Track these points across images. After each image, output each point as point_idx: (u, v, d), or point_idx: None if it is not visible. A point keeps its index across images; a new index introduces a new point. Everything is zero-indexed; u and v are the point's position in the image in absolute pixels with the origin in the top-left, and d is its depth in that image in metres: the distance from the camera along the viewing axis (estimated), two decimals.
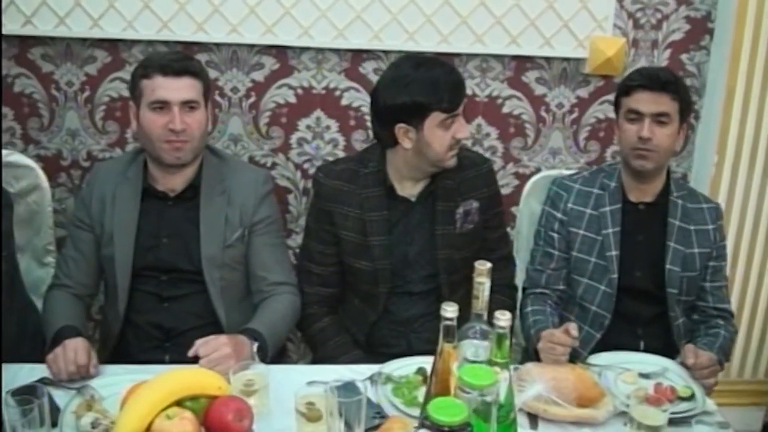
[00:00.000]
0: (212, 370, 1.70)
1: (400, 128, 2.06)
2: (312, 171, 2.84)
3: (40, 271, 2.38)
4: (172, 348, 2.10)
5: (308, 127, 2.82)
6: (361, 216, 2.15)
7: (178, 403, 1.33)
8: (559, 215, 2.29)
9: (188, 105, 2.06)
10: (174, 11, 2.61)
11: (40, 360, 1.88)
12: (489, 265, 1.47)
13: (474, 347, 1.50)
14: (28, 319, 2.18)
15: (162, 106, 2.04)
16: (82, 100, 2.75)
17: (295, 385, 1.70)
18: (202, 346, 1.79)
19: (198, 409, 1.33)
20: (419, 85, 2.03)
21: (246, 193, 2.18)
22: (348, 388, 1.58)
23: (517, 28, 2.77)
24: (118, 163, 2.23)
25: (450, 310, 1.38)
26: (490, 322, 1.46)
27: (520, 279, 2.44)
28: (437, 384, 1.45)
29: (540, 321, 2.15)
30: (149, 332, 2.12)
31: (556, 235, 2.29)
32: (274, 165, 2.83)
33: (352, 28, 2.68)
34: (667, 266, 2.20)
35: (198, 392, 1.36)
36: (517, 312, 2.31)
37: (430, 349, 1.99)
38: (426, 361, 1.89)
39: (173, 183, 2.15)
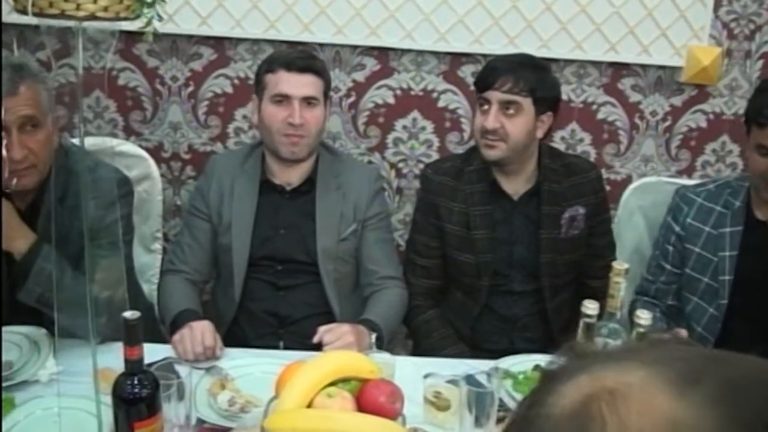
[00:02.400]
0: None
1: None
2: (406, 171, 2.89)
3: (147, 257, 2.45)
4: (286, 335, 2.16)
5: (404, 127, 2.86)
6: (466, 210, 2.20)
7: (333, 383, 1.37)
8: (677, 228, 2.24)
9: (308, 101, 2.13)
10: (281, 11, 2.68)
11: (152, 340, 1.94)
12: (626, 265, 1.50)
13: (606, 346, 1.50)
14: (139, 301, 2.25)
15: (283, 99, 2.12)
16: (185, 95, 2.83)
17: (410, 376, 1.73)
18: (326, 333, 1.83)
19: (351, 391, 1.37)
20: None
21: (360, 189, 2.24)
22: (470, 382, 1.60)
23: (616, 36, 2.78)
24: (236, 155, 2.30)
25: (591, 308, 1.39)
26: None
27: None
28: None
29: None
30: (264, 319, 2.18)
31: (671, 248, 2.26)
32: (369, 164, 2.87)
33: (453, 31, 2.72)
34: None
35: (352, 374, 1.40)
36: None
37: (533, 348, 2.03)
38: (540, 359, 1.91)
39: (290, 177, 2.22)
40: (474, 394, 1.52)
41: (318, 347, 1.89)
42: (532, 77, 2.08)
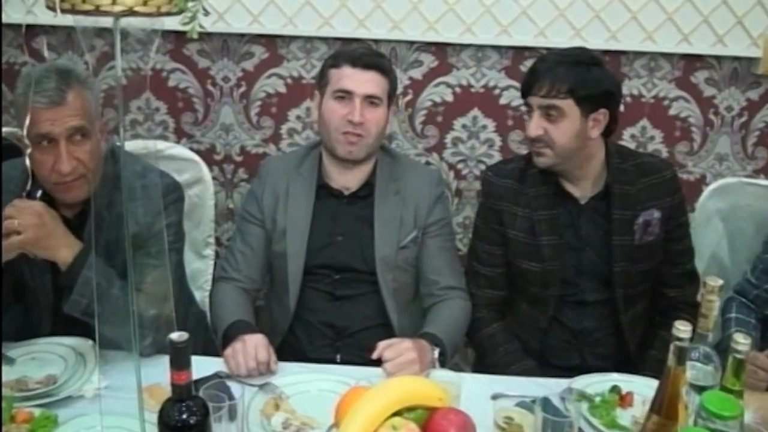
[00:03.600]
0: (396, 375, 1.63)
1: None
2: (465, 172, 2.76)
3: (199, 263, 2.38)
4: (343, 348, 2.05)
5: (464, 126, 2.73)
6: (530, 215, 2.05)
7: (397, 413, 1.24)
8: None
9: (370, 100, 2.01)
10: (335, 7, 2.57)
11: (203, 352, 1.85)
12: (721, 282, 1.34)
13: (696, 370, 1.37)
14: (190, 310, 2.17)
15: (344, 96, 2.01)
16: (237, 96, 2.75)
17: (476, 396, 1.60)
18: (386, 349, 1.72)
19: (417, 420, 1.24)
20: None
21: (420, 193, 2.11)
22: (544, 406, 1.46)
23: (689, 25, 2.61)
24: (291, 158, 2.20)
25: (684, 330, 1.24)
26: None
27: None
28: (663, 407, 1.32)
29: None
30: (320, 330, 2.07)
31: None
32: (429, 166, 2.75)
33: (516, 24, 2.58)
34: None
35: (419, 402, 1.27)
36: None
37: (606, 366, 1.88)
38: (617, 379, 1.77)
39: (348, 181, 2.11)
40: (550, 423, 1.38)
41: (377, 362, 1.77)
42: (570, 76, 1.91)
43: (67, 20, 2.92)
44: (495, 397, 1.66)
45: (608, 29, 2.60)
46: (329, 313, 2.07)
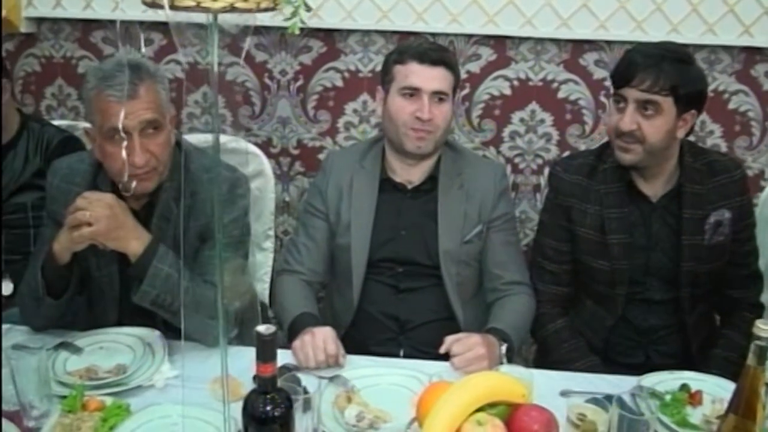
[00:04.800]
0: (465, 370, 1.63)
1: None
2: (523, 166, 2.74)
3: (259, 256, 2.39)
4: (406, 341, 2.05)
5: (522, 120, 2.71)
6: (600, 212, 2.01)
7: (479, 408, 1.24)
8: None
9: (438, 95, 2.00)
10: (394, 1, 2.57)
11: None
12: None
13: None
14: (252, 303, 2.18)
15: (413, 93, 2.00)
16: (294, 89, 2.76)
17: (544, 393, 1.59)
18: (455, 343, 1.71)
19: (499, 416, 1.23)
20: None
21: (485, 187, 2.10)
22: (619, 404, 1.45)
23: (750, 17, 2.55)
24: (354, 151, 2.20)
25: (765, 330, 1.21)
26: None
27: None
28: (741, 407, 1.30)
29: None
30: (384, 323, 2.07)
31: None
32: (488, 159, 2.73)
33: (576, 17, 2.55)
34: None
35: (502, 398, 1.26)
36: None
37: (670, 364, 1.85)
38: (686, 377, 1.74)
39: (411, 175, 2.10)
40: (626, 421, 1.36)
41: (441, 357, 1.77)
42: (674, 73, 1.84)
43: (125, 15, 2.99)
44: (564, 393, 1.64)
45: (670, 22, 2.56)
46: (393, 306, 2.06)
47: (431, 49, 2.04)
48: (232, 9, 1.05)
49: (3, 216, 2.52)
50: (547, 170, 2.72)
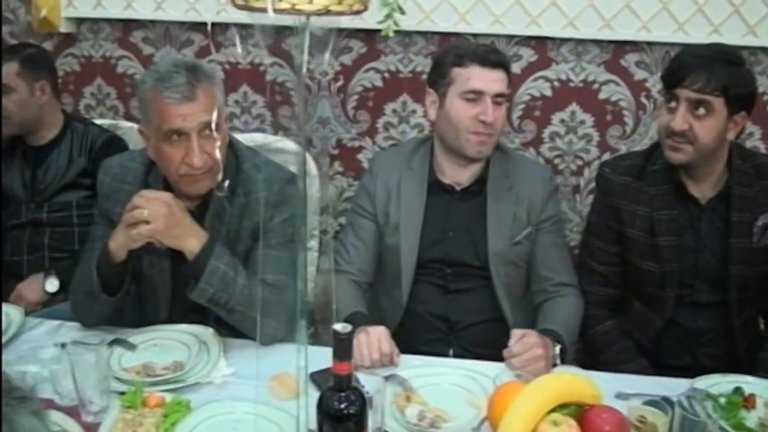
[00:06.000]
0: (522, 370, 1.64)
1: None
2: (562, 167, 2.74)
3: (301, 255, 2.39)
4: (455, 341, 2.06)
5: (562, 121, 2.71)
6: (650, 214, 2.01)
7: (552, 409, 1.25)
8: None
9: (498, 98, 2.02)
10: (437, 2, 2.58)
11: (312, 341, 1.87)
12: None
13: None
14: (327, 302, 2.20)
15: (475, 96, 2.00)
16: (334, 90, 2.77)
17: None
18: (514, 345, 1.72)
19: (570, 417, 1.24)
20: None
21: (533, 189, 2.11)
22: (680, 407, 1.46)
23: None
24: (401, 152, 2.21)
25: None
26: None
27: None
28: None
29: None
30: (433, 324, 2.08)
31: None
32: (539, 162, 2.73)
33: (618, 18, 2.55)
34: None
35: (574, 399, 1.28)
36: None
37: (717, 366, 1.85)
38: (739, 380, 1.74)
39: (461, 176, 2.11)
40: (689, 423, 1.37)
41: (492, 357, 1.79)
42: (726, 74, 1.85)
43: (166, 15, 3.01)
44: (620, 395, 1.64)
45: (711, 23, 2.55)
46: (442, 307, 2.08)
47: (490, 52, 2.05)
48: (326, 12, 1.06)
49: (48, 214, 2.56)
50: (587, 171, 2.73)
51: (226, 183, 1.84)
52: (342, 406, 1.21)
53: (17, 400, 0.76)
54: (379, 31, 2.67)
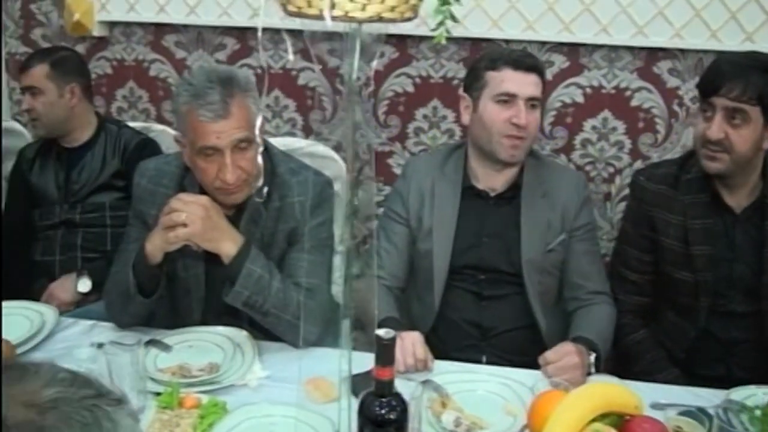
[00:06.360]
0: (558, 379, 1.63)
1: None
2: (594, 174, 2.74)
3: (335, 259, 2.40)
4: (488, 348, 2.05)
5: (594, 128, 2.71)
6: (684, 223, 2.00)
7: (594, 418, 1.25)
8: None
9: (531, 102, 2.01)
10: (469, 7, 2.58)
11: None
12: None
13: None
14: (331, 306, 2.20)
15: (508, 99, 2.00)
16: (366, 94, 2.78)
17: None
18: (550, 352, 1.72)
19: (612, 427, 1.24)
20: None
21: (568, 196, 2.10)
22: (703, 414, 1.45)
23: None
24: (434, 157, 2.21)
25: None
26: None
27: None
28: None
29: None
30: (465, 330, 2.08)
31: None
32: (575, 169, 2.72)
33: (652, 25, 2.55)
34: None
35: (615, 409, 1.27)
36: None
37: (751, 378, 1.83)
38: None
39: (495, 182, 2.11)
40: None
41: (525, 364, 1.79)
42: (762, 83, 1.84)
43: (198, 20, 3.03)
44: (655, 406, 1.63)
45: (744, 30, 2.54)
46: (475, 313, 2.07)
47: (524, 56, 2.06)
48: (379, 19, 1.07)
49: (81, 215, 2.59)
50: (618, 179, 2.72)
51: (266, 189, 1.85)
52: (383, 411, 1.22)
53: (115, 402, 0.77)
54: (410, 36, 2.70)
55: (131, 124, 2.74)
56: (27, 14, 3.14)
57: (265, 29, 2.81)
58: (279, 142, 2.37)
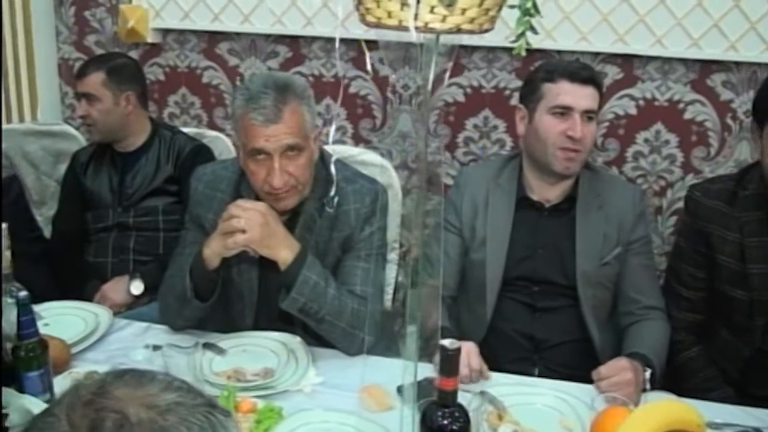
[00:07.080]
0: (611, 394, 1.62)
1: None
2: (645, 187, 2.71)
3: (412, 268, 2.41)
4: (540, 361, 2.05)
5: (646, 140, 2.68)
6: (741, 240, 1.97)
7: None
8: None
9: (587, 114, 2.01)
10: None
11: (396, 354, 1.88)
12: None
13: None
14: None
15: (564, 111, 2.00)
16: (416, 104, 2.79)
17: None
18: (604, 367, 1.71)
19: None
20: None
21: (624, 209, 2.09)
22: None
23: None
24: (488, 168, 2.21)
25: None
26: None
27: None
28: None
29: None
30: (518, 342, 2.08)
31: None
32: (631, 182, 2.70)
33: (707, 37, 2.52)
34: None
35: (679, 427, 1.26)
36: None
37: None
38: None
39: (550, 193, 2.10)
40: None
41: (579, 378, 1.78)
42: None
43: (252, 28, 3.06)
44: (711, 425, 1.61)
45: None
46: (528, 325, 2.07)
47: (581, 68, 2.05)
48: (457, 31, 1.08)
49: (134, 219, 2.63)
50: (669, 192, 2.69)
51: (336, 199, 1.87)
52: (447, 421, 1.22)
53: (226, 413, 0.81)
54: (464, 47, 2.70)
55: (184, 129, 2.78)
56: (80, 21, 3.21)
57: (316, 38, 2.85)
58: (330, 150, 2.39)
